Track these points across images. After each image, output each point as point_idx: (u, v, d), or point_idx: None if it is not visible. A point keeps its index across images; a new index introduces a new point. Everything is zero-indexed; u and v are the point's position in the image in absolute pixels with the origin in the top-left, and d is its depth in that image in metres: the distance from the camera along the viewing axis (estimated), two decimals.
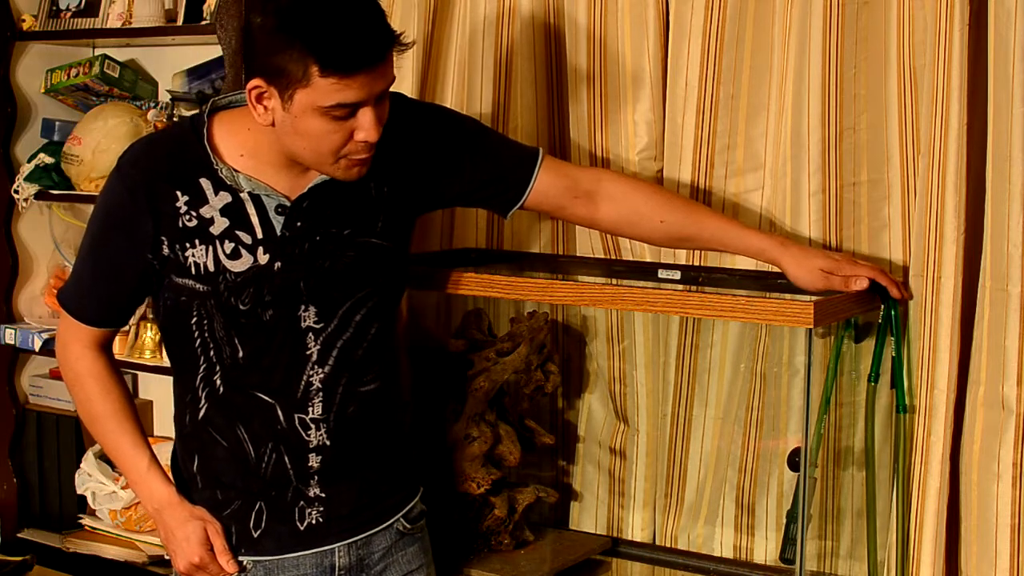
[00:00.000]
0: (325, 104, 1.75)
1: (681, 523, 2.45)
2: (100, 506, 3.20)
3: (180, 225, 1.87)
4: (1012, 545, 1.98)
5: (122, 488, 3.12)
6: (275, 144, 1.86)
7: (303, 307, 1.91)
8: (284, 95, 1.77)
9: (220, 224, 1.88)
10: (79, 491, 3.21)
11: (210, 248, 1.87)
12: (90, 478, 3.18)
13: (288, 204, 1.89)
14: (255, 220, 1.88)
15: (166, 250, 1.88)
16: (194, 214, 1.87)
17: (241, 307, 1.88)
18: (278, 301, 1.89)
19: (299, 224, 1.90)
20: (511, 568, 2.31)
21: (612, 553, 2.48)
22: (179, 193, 1.87)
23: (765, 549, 2.36)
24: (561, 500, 2.54)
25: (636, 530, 2.50)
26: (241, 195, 1.88)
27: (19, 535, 3.38)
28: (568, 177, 2.13)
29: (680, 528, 2.45)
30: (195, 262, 1.88)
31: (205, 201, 1.87)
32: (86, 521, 3.27)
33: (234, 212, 1.88)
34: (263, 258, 1.88)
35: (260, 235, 1.88)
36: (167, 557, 2.19)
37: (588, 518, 2.56)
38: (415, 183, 2.02)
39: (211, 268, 1.87)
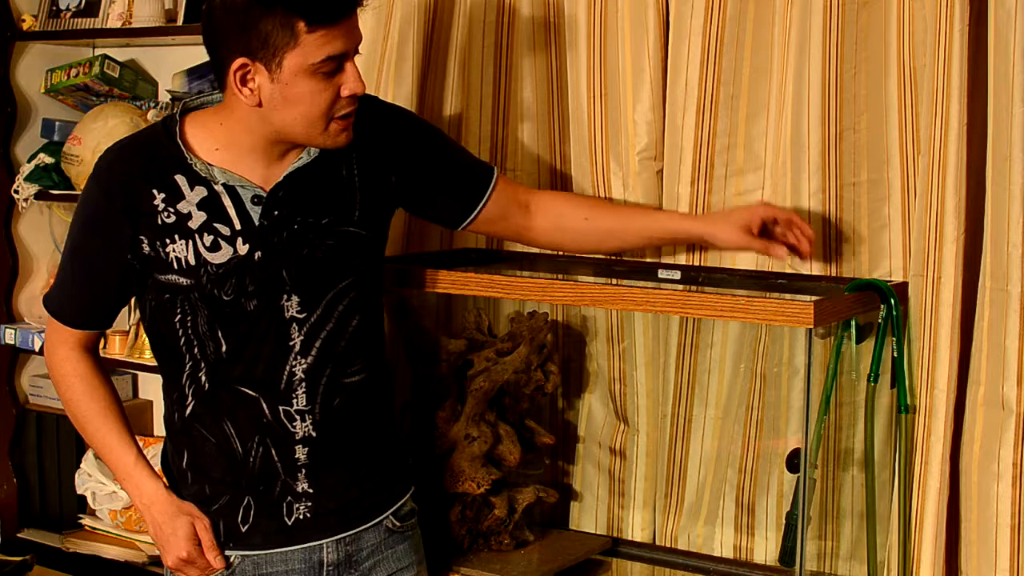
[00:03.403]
0: (315, 60, 1.82)
1: (681, 523, 2.45)
2: (100, 506, 3.20)
3: (159, 222, 1.90)
4: (1012, 545, 1.98)
5: (121, 488, 3.12)
6: (254, 130, 1.89)
7: (286, 296, 1.93)
8: (271, 65, 1.82)
9: (198, 218, 1.90)
10: (79, 491, 3.21)
11: (189, 242, 1.90)
12: (90, 478, 3.19)
13: (264, 194, 1.92)
14: (232, 212, 1.91)
15: (146, 249, 1.91)
16: (172, 210, 1.90)
17: (225, 298, 1.91)
18: (261, 290, 1.92)
19: (276, 213, 1.92)
20: (511, 568, 2.31)
21: (612, 553, 2.47)
22: (155, 191, 1.90)
23: (765, 549, 2.36)
24: (561, 500, 2.54)
25: (636, 530, 2.50)
26: (216, 188, 1.91)
27: (19, 535, 3.38)
28: (513, 188, 2.24)
29: (680, 528, 2.45)
30: (176, 257, 1.90)
31: (181, 197, 1.90)
32: (86, 521, 3.27)
33: (211, 205, 1.91)
34: (242, 249, 1.91)
35: (238, 226, 1.91)
36: (157, 553, 2.20)
37: (588, 518, 2.55)
38: (383, 175, 2.05)
39: (192, 262, 1.90)
